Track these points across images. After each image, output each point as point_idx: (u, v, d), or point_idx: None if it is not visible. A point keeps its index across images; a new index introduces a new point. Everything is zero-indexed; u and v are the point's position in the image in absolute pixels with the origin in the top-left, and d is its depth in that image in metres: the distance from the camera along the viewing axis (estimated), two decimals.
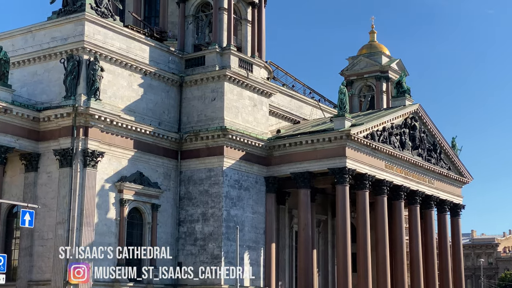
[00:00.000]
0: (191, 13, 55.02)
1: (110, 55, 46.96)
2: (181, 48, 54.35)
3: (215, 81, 51.55)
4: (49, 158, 45.11)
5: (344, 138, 51.08)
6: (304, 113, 63.89)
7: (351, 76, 74.55)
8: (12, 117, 43.95)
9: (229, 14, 53.49)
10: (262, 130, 54.14)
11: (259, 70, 55.21)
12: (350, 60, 75.61)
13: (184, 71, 52.96)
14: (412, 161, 59.03)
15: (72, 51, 45.31)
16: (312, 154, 52.26)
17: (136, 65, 49.04)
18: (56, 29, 46.67)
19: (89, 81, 44.70)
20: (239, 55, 53.37)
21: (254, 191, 52.70)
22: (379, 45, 75.82)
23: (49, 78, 46.56)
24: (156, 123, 50.10)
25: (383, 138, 55.65)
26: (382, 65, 73.47)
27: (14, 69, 47.05)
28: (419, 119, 60.82)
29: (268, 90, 55.22)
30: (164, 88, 51.57)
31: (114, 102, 47.09)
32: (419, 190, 60.56)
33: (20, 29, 48.55)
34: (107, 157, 46.02)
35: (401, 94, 61.10)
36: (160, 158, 50.20)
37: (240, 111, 52.46)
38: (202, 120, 51.47)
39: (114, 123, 46.08)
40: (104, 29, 47.11)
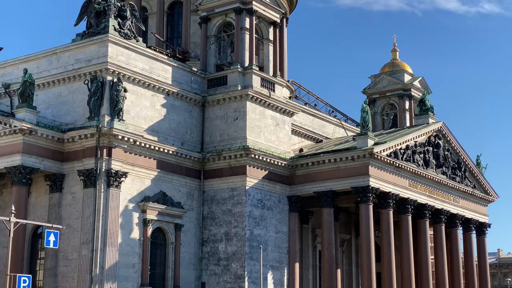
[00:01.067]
0: (213, 33, 55.37)
1: (133, 76, 47.33)
2: (204, 68, 54.64)
3: (238, 100, 51.69)
4: (73, 178, 45.41)
5: (367, 156, 50.83)
6: (326, 132, 63.76)
7: (374, 95, 74.36)
8: (37, 138, 44.37)
9: (251, 34, 53.74)
10: (284, 149, 54.07)
11: (281, 89, 55.28)
12: (372, 78, 75.46)
13: (206, 91, 53.18)
14: (437, 179, 58.54)
15: (96, 72, 45.74)
16: (335, 173, 52.06)
17: (159, 86, 49.35)
18: (80, 51, 47.18)
19: (112, 102, 45.03)
20: (261, 75, 53.51)
21: (277, 210, 52.54)
22: (402, 63, 75.63)
23: (73, 99, 47.00)
24: (179, 143, 50.27)
25: (407, 157, 55.29)
26: (404, 83, 73.21)
27: (39, 90, 47.59)
28: (443, 137, 60.40)
29: (290, 109, 55.23)
30: (186, 108, 51.80)
31: (137, 123, 47.37)
32: (444, 208, 59.96)
33: (45, 51, 49.14)
34: (131, 177, 46.22)
35: (424, 112, 60.79)
36: (183, 178, 50.31)
37: (262, 130, 52.48)
38: (224, 140, 51.55)
39: (137, 143, 46.32)
40: (127, 50, 47.53)
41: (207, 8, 55.14)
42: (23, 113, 44.13)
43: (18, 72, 48.55)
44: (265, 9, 55.02)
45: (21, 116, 44.03)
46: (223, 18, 54.91)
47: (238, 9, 53.45)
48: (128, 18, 48.12)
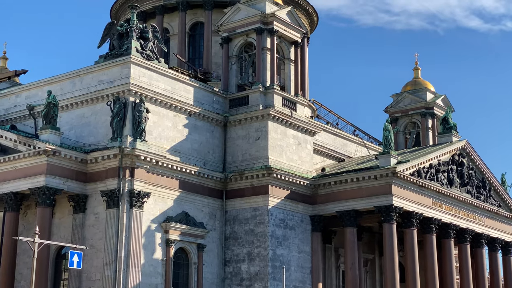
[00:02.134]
0: (235, 53, 55.61)
1: (155, 96, 47.62)
2: (225, 88, 54.83)
3: (259, 120, 51.73)
4: (96, 199, 45.61)
5: (390, 175, 50.49)
6: (348, 151, 63.53)
7: (396, 113, 74.00)
8: (60, 159, 44.69)
9: (272, 54, 53.89)
10: (306, 169, 53.92)
11: (302, 109, 55.25)
12: (394, 97, 75.16)
13: (228, 111, 53.32)
14: (461, 198, 57.94)
15: (119, 94, 46.08)
16: (358, 192, 51.74)
17: (181, 106, 49.58)
18: (103, 72, 47.62)
19: (135, 123, 45.29)
20: (283, 94, 53.56)
21: (300, 230, 52.28)
22: (424, 82, 75.27)
23: (96, 120, 47.36)
24: (201, 163, 50.36)
25: (430, 175, 54.85)
26: (427, 101, 72.80)
27: (62, 112, 48.04)
28: (467, 156, 59.87)
29: (312, 128, 55.14)
30: (208, 128, 51.94)
31: (159, 143, 47.56)
32: (468, 228, 59.27)
33: (68, 73, 49.66)
34: (153, 198, 46.32)
35: (448, 130, 60.39)
36: (205, 198, 50.32)
37: (284, 150, 52.42)
38: (246, 160, 51.54)
39: (160, 164, 46.47)
40: (150, 71, 47.87)
41: (228, 29, 55.46)
42: (47, 134, 44.52)
43: (42, 94, 49.11)
44: (286, 29, 55.19)
45: (45, 137, 44.43)
46: (244, 39, 55.16)
47: (259, 29, 53.69)
48: (150, 40, 48.52)
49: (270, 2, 54.97)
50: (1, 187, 45.99)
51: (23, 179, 45.01)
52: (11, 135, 45.84)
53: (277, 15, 54.06)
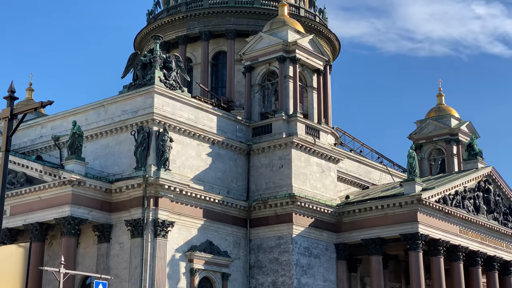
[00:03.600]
0: (257, 82, 55.83)
1: (179, 125, 47.85)
2: (248, 117, 54.97)
3: (283, 148, 51.69)
4: (121, 229, 45.70)
5: (415, 202, 50.01)
6: (373, 178, 63.13)
7: (420, 140, 73.53)
8: (85, 189, 44.94)
9: (295, 82, 54.01)
10: (330, 196, 53.63)
11: (326, 136, 55.15)
12: (418, 123, 74.76)
13: (251, 139, 53.39)
14: (488, 225, 57.15)
15: (142, 123, 46.38)
16: (383, 220, 51.27)
17: (204, 135, 49.74)
18: (127, 102, 48.02)
19: (158, 152, 45.47)
20: (306, 122, 53.54)
21: (325, 258, 51.84)
22: (448, 108, 74.82)
23: (120, 150, 47.65)
24: (225, 192, 50.33)
25: (456, 202, 54.24)
26: (451, 127, 72.28)
27: (87, 142, 48.42)
28: (493, 182, 59.18)
29: (335, 156, 54.95)
30: (232, 157, 51.99)
31: (183, 172, 47.67)
32: (496, 255, 58.35)
33: (93, 104, 50.15)
34: (177, 227, 46.30)
35: (473, 156, 59.83)
36: (229, 226, 50.19)
37: (308, 177, 52.23)
38: (270, 188, 51.42)
39: (184, 193, 46.51)
40: (173, 101, 48.19)
41: (250, 58, 55.76)
42: (72, 164, 44.85)
43: (67, 125, 49.59)
44: (308, 57, 55.35)
45: (70, 167, 44.76)
46: (267, 67, 55.40)
47: (282, 58, 53.90)
48: (173, 69, 48.91)
49: (292, 31, 55.25)
50: (27, 218, 46.29)
51: (48, 209, 45.29)
52: (36, 166, 46.27)
53: (299, 44, 54.28)
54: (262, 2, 70.06)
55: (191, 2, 70.85)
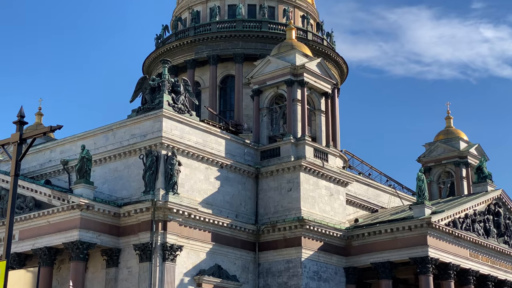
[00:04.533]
0: (265, 105, 55.92)
1: (187, 149, 47.89)
2: (256, 140, 54.98)
3: (291, 171, 51.60)
4: (129, 253, 45.55)
5: (425, 226, 49.71)
6: (382, 202, 62.87)
7: (429, 163, 73.21)
8: (94, 213, 44.91)
9: (303, 105, 54.08)
10: (339, 220, 53.39)
11: (334, 160, 55.05)
12: (427, 146, 74.52)
13: (259, 163, 53.34)
14: (499, 249, 56.69)
15: (151, 147, 46.45)
16: (392, 243, 50.94)
17: (213, 159, 49.74)
18: (136, 126, 48.15)
19: (167, 176, 45.47)
20: (314, 145, 53.50)
21: (334, 282, 51.46)
22: (456, 131, 74.60)
23: (128, 174, 47.68)
24: (233, 215, 50.20)
25: (466, 226, 53.88)
26: (460, 150, 72.01)
27: (96, 166, 48.49)
28: (503, 205, 58.81)
29: (344, 179, 54.81)
30: (240, 180, 51.93)
31: (191, 196, 47.61)
32: (507, 279, 57.79)
33: (101, 128, 50.32)
34: (186, 251, 46.14)
35: (482, 179, 59.54)
36: (238, 250, 49.97)
37: (316, 201, 52.07)
38: (279, 211, 51.26)
39: (192, 217, 46.42)
40: (181, 125, 48.29)
41: (258, 81, 55.92)
42: (81, 188, 44.88)
43: (76, 149, 49.73)
44: (316, 80, 55.47)
45: (79, 191, 44.78)
46: (275, 90, 55.53)
47: (290, 81, 54.04)
48: (181, 93, 49.09)
49: (300, 54, 55.44)
50: (35, 242, 46.25)
51: (57, 233, 45.25)
52: (45, 190, 46.33)
53: (307, 67, 54.44)
54: (270, 26, 70.46)
55: (199, 27, 71.36)
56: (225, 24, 70.61)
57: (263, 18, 70.51)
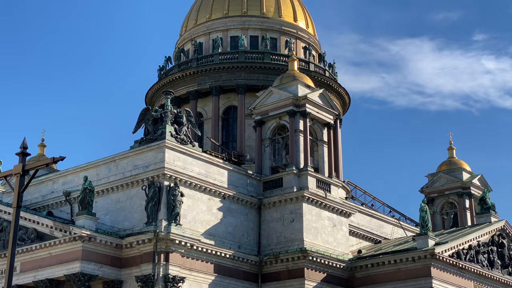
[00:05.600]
0: (268, 136, 55.98)
1: (189, 180, 47.82)
2: (259, 171, 54.92)
3: (294, 202, 51.46)
4: (131, 284, 45.20)
5: (429, 257, 49.38)
6: (385, 232, 62.54)
7: (432, 193, 72.98)
8: (96, 245, 44.69)
9: (305, 136, 54.12)
10: (342, 251, 53.08)
11: (337, 190, 54.93)
12: (429, 177, 74.36)
13: (262, 194, 53.22)
14: (503, 280, 56.20)
15: (153, 178, 46.40)
16: (396, 275, 50.53)
17: (215, 189, 49.64)
18: (138, 157, 48.15)
19: (169, 207, 45.35)
20: (317, 176, 53.42)
21: None
22: (459, 161, 74.49)
23: (131, 205, 47.56)
24: (236, 246, 49.93)
25: (470, 257, 53.50)
26: (463, 181, 71.82)
27: (98, 197, 48.39)
28: (507, 236, 58.45)
29: (347, 210, 54.61)
30: (243, 211, 51.76)
31: (194, 227, 47.42)
32: None
33: (104, 159, 50.32)
34: (188, 282, 45.80)
35: (486, 210, 59.29)
36: (241, 282, 49.60)
37: (319, 231, 51.82)
38: (281, 242, 50.99)
39: (195, 248, 46.18)
40: (184, 155, 48.29)
41: (261, 112, 56.05)
42: (83, 220, 44.73)
43: (79, 180, 49.67)
44: (319, 111, 55.59)
45: (81, 223, 44.63)
46: (277, 121, 55.63)
47: (292, 112, 54.16)
48: (184, 124, 49.20)
49: (302, 85, 55.67)
50: (36, 274, 45.96)
51: (58, 265, 44.99)
52: (47, 222, 46.18)
53: (309, 98, 54.62)
54: (272, 57, 70.84)
55: (201, 58, 71.77)
56: (227, 56, 71.03)
57: (265, 49, 70.94)
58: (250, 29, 73.01)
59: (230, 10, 73.66)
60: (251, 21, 73.15)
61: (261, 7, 73.74)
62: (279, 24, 73.64)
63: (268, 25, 73.26)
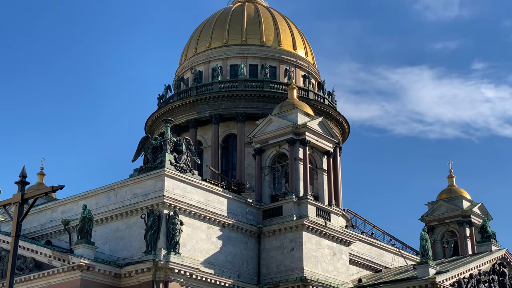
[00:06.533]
0: (267, 164, 55.94)
1: (189, 208, 47.68)
2: (258, 199, 54.79)
3: (293, 231, 51.25)
4: None
5: (430, 286, 49.00)
6: (385, 261, 62.21)
7: (432, 222, 72.75)
8: (94, 274, 44.37)
9: (305, 164, 54.08)
10: (343, 280, 52.72)
11: (337, 219, 54.74)
12: (429, 205, 74.18)
13: (262, 222, 53.03)
14: None
15: (153, 206, 46.26)
16: None
17: (215, 218, 49.46)
18: (138, 185, 48.06)
19: (169, 235, 45.13)
20: (316, 204, 53.28)
21: None
22: (459, 189, 74.37)
23: (130, 234, 47.35)
24: (236, 275, 49.60)
25: (471, 286, 53.11)
26: (463, 209, 71.63)
27: (97, 226, 48.18)
28: (508, 265, 58.10)
29: (347, 238, 54.37)
30: (242, 240, 51.52)
31: (193, 255, 47.15)
32: None
33: (103, 187, 50.21)
34: None
35: (486, 239, 59.01)
36: None
37: (319, 260, 51.53)
38: (281, 271, 50.67)
39: (194, 277, 45.86)
40: (183, 184, 48.20)
41: (260, 140, 56.10)
42: (82, 249, 44.47)
43: (78, 209, 49.52)
44: (318, 139, 55.64)
45: (80, 252, 44.37)
46: (277, 149, 55.64)
47: (291, 140, 54.20)
48: (183, 152, 49.19)
49: (302, 113, 55.78)
50: None
51: None
52: (46, 251, 45.90)
53: (309, 126, 54.70)
54: (271, 85, 71.13)
55: (201, 86, 72.03)
56: (227, 84, 71.31)
57: (265, 77, 71.26)
58: (250, 58, 73.41)
59: (230, 38, 74.16)
60: (251, 49, 73.59)
61: (261, 35, 74.25)
62: (279, 53, 74.09)
63: (268, 54, 73.70)
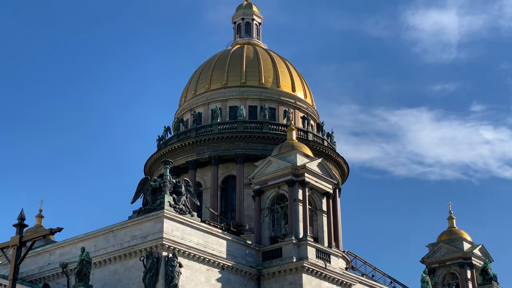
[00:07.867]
0: (267, 205, 55.72)
1: (188, 250, 47.32)
2: (258, 241, 54.42)
3: (293, 273, 50.81)
4: None
5: None
6: None
7: (433, 264, 72.18)
8: None
9: (304, 206, 53.88)
10: None
11: (337, 261, 54.32)
12: (430, 247, 73.69)
13: (261, 264, 52.60)
14: None
15: (152, 248, 45.91)
16: None
17: (214, 260, 49.06)
18: (137, 227, 47.77)
19: (167, 278, 44.70)
20: (316, 246, 52.92)
21: None
22: (459, 231, 73.96)
23: (128, 277, 46.89)
24: None
25: None
26: (464, 251, 71.12)
27: (95, 269, 47.76)
28: None
29: (347, 280, 53.86)
30: (242, 282, 51.01)
31: None
32: None
33: (102, 229, 49.88)
34: None
35: (488, 281, 58.63)
36: None
37: None
38: None
39: None
40: (182, 225, 47.92)
41: (260, 181, 55.98)
42: None
43: (76, 251, 49.13)
44: (318, 180, 55.53)
45: None
46: (276, 191, 55.49)
47: (291, 181, 54.09)
48: (183, 194, 49.03)
49: (301, 155, 55.79)
50: None
51: None
52: None
53: (308, 167, 54.65)
54: (271, 127, 71.30)
55: (201, 128, 72.19)
56: (226, 125, 71.49)
57: (264, 119, 71.47)
58: (249, 99, 73.78)
59: (229, 80, 74.64)
60: (250, 91, 73.99)
61: (260, 77, 74.73)
62: (278, 94, 74.47)
63: (267, 95, 74.07)
